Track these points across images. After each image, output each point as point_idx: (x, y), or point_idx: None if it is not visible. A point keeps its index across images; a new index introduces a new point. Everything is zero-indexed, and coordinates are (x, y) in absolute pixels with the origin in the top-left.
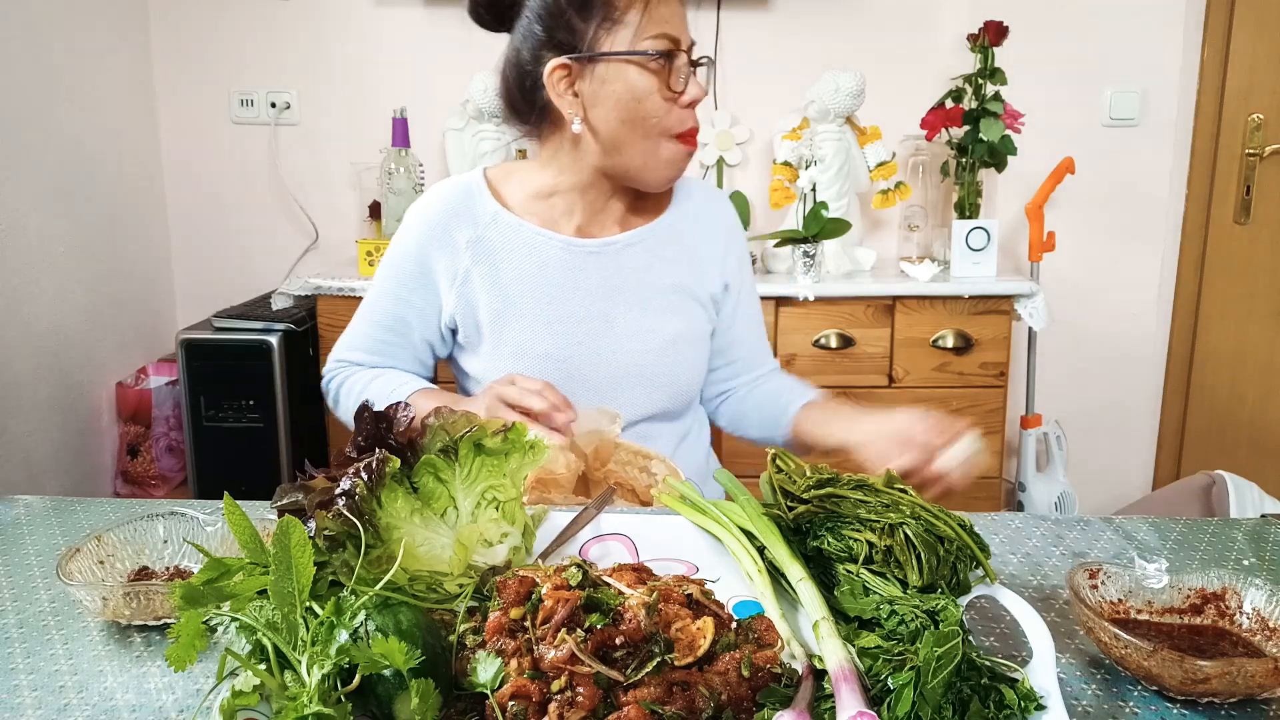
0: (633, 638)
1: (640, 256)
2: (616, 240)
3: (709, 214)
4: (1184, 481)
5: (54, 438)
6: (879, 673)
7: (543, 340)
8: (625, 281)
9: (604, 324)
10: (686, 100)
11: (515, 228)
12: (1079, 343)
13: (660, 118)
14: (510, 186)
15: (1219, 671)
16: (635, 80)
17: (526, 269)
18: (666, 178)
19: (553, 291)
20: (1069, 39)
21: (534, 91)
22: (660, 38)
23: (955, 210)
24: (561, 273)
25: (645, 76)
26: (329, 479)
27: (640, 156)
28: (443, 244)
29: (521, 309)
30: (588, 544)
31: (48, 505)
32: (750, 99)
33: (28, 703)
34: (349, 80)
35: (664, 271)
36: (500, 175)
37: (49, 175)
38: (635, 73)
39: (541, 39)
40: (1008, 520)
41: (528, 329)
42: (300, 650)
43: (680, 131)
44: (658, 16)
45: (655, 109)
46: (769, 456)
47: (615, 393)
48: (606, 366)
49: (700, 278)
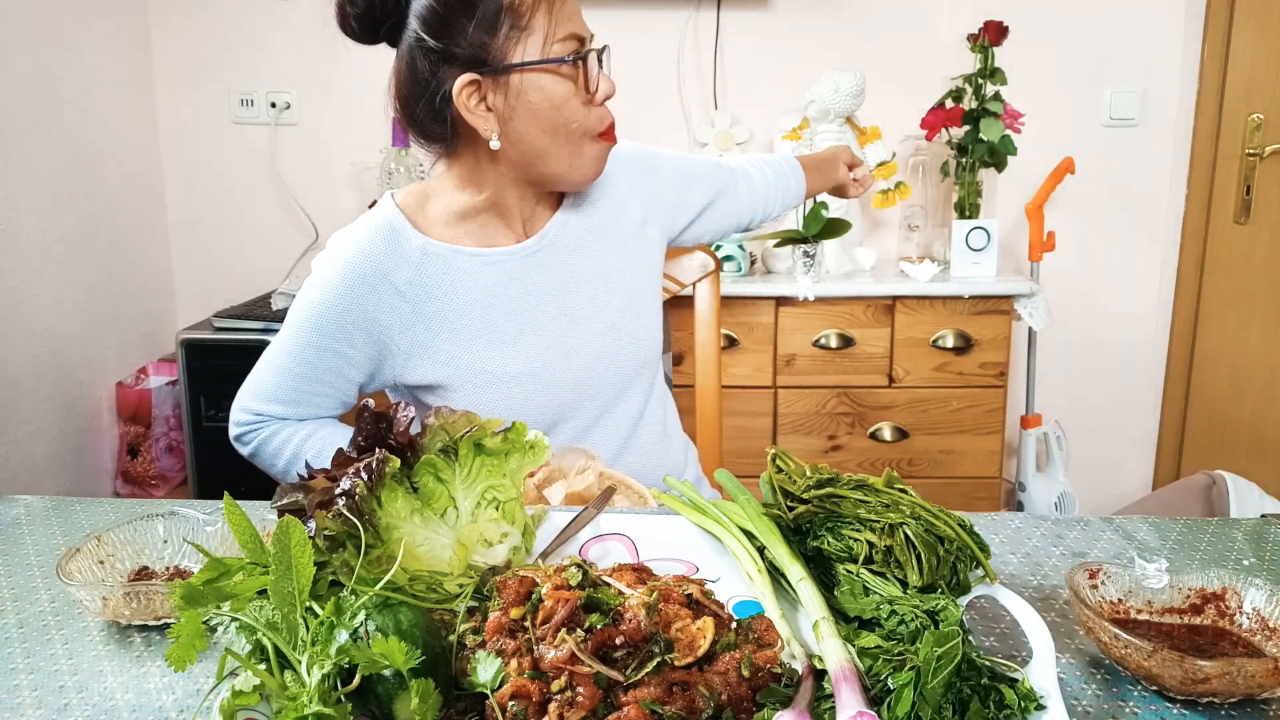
0: (633, 638)
1: (572, 234)
2: (548, 230)
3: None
4: (1184, 481)
5: (54, 438)
6: (879, 673)
7: (513, 359)
8: (569, 266)
9: (565, 319)
10: (601, 98)
11: (448, 256)
12: (1079, 343)
13: (581, 120)
14: (429, 212)
15: (1219, 671)
16: (551, 88)
17: (472, 295)
18: (592, 175)
19: (506, 307)
20: (1069, 39)
21: (442, 109)
22: (569, 39)
23: (955, 210)
24: (508, 285)
25: (560, 82)
26: (329, 479)
27: (565, 161)
28: (379, 292)
29: (482, 336)
30: (588, 544)
31: (48, 505)
32: (750, 99)
33: (28, 703)
34: (349, 80)
35: (596, 234)
36: (414, 203)
37: (49, 175)
38: (550, 80)
39: (438, 53)
40: (1008, 520)
41: (495, 353)
42: (300, 650)
43: (601, 130)
44: (563, 16)
45: (575, 113)
46: (769, 456)
47: (592, 379)
48: (579, 359)
49: (625, 218)
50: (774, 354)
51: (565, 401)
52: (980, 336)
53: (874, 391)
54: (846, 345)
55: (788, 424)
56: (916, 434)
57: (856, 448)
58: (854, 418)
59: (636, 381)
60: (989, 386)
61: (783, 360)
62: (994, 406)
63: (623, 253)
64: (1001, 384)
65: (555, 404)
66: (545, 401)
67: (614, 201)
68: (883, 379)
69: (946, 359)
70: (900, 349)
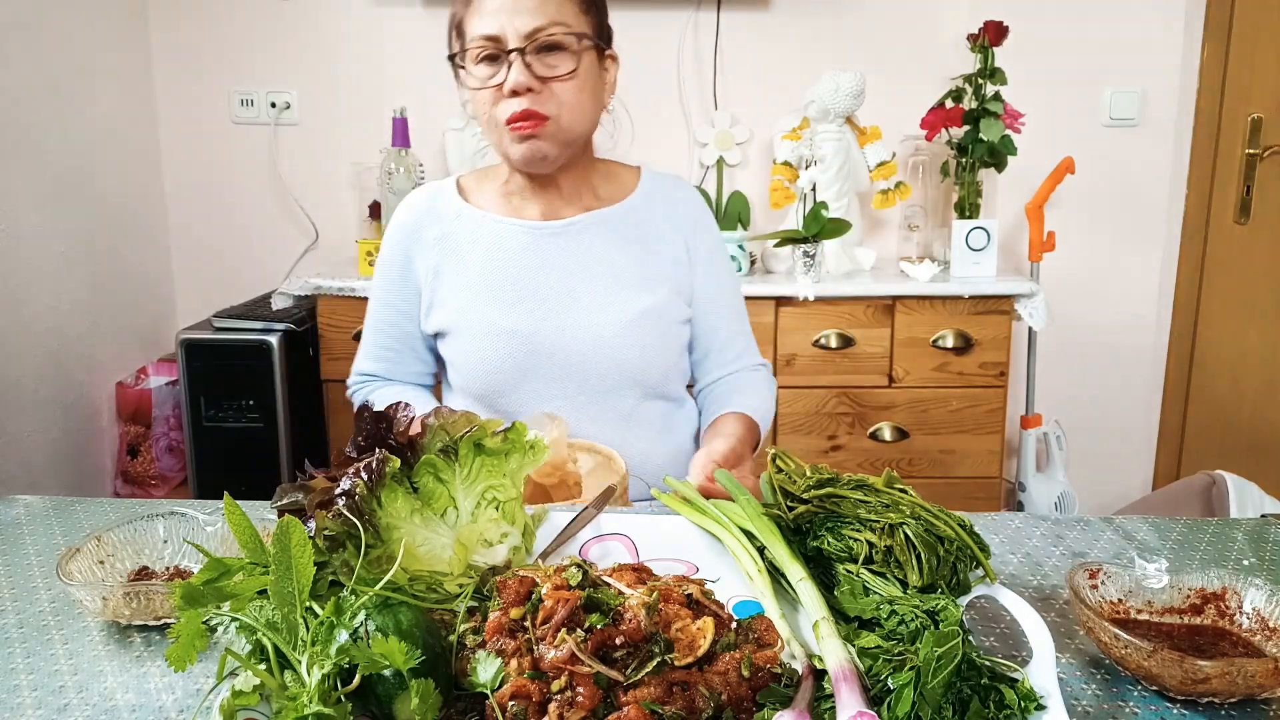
0: (633, 638)
1: (602, 237)
2: (577, 221)
3: (670, 202)
4: (1184, 481)
5: (54, 438)
6: (879, 673)
7: (507, 317)
8: (589, 259)
9: (569, 299)
10: (508, 89)
11: (479, 220)
12: (1079, 343)
13: (488, 110)
14: (482, 189)
15: (1219, 671)
16: (469, 83)
17: (492, 256)
18: (520, 159)
19: (516, 273)
20: (1069, 39)
21: None
22: (480, 42)
23: (955, 210)
24: (525, 255)
25: (472, 79)
26: (329, 479)
27: (498, 146)
28: (418, 245)
29: (487, 293)
30: (588, 544)
31: (48, 505)
32: (750, 99)
33: (28, 703)
34: (349, 80)
35: (627, 251)
36: (473, 181)
37: (49, 175)
38: (466, 77)
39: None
40: (1008, 520)
41: (493, 308)
42: (300, 650)
43: (507, 118)
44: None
45: (482, 103)
46: (769, 456)
47: (583, 363)
48: (572, 339)
49: (663, 257)
50: (774, 354)
51: (552, 372)
52: (980, 336)
53: (874, 391)
54: (846, 345)
55: (788, 424)
56: (916, 434)
57: (856, 448)
58: (854, 418)
59: (633, 387)
60: (989, 386)
61: (783, 360)
62: (994, 406)
63: (650, 269)
64: (1001, 384)
65: (542, 369)
66: (531, 364)
67: (664, 245)
68: (883, 379)
69: (946, 359)
70: (900, 349)
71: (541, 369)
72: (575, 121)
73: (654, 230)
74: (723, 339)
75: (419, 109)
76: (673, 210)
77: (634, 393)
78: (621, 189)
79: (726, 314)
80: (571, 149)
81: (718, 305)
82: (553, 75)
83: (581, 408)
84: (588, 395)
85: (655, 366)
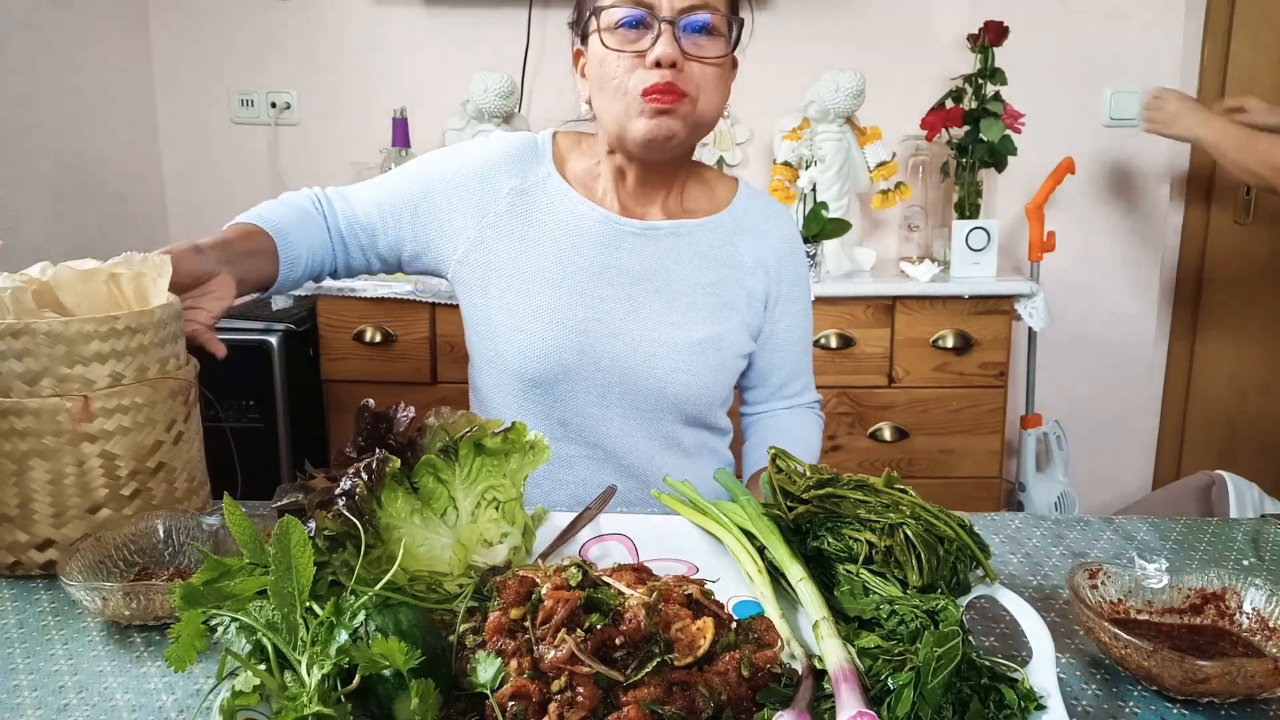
0: (633, 638)
1: (681, 248)
2: (660, 226)
3: (762, 230)
4: (1184, 481)
5: None
6: (879, 673)
7: (562, 308)
8: (661, 270)
9: (629, 307)
10: (651, 60)
11: (561, 192)
12: (1079, 342)
13: (620, 77)
14: (574, 155)
15: (1219, 671)
16: (607, 42)
17: (560, 235)
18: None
19: (583, 263)
20: (1069, 39)
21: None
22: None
23: (955, 210)
24: (596, 247)
25: (612, 38)
26: (329, 479)
27: (617, 119)
28: (484, 182)
29: (548, 273)
30: (588, 544)
31: None
32: (750, 99)
33: (28, 703)
34: (349, 80)
35: (702, 272)
36: (569, 142)
37: (49, 175)
38: (604, 36)
39: (572, 22)
40: (1008, 520)
41: (550, 293)
42: (300, 650)
43: (645, 88)
44: None
45: (614, 70)
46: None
47: (625, 378)
48: (622, 350)
49: (741, 287)
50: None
51: (595, 376)
52: (980, 336)
53: (874, 391)
54: (846, 345)
55: None
56: (916, 434)
57: (856, 448)
58: (854, 418)
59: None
60: (989, 386)
61: None
62: (994, 406)
63: (723, 298)
64: (1001, 384)
65: (585, 371)
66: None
67: (748, 270)
68: (883, 379)
69: (946, 359)
70: (900, 349)
71: (585, 371)
72: (710, 108)
73: (736, 257)
74: (782, 376)
75: (419, 109)
76: (762, 240)
77: (673, 417)
78: (713, 202)
79: (794, 353)
80: (696, 137)
81: (787, 344)
82: (700, 55)
83: (619, 420)
84: (625, 410)
85: (701, 398)
